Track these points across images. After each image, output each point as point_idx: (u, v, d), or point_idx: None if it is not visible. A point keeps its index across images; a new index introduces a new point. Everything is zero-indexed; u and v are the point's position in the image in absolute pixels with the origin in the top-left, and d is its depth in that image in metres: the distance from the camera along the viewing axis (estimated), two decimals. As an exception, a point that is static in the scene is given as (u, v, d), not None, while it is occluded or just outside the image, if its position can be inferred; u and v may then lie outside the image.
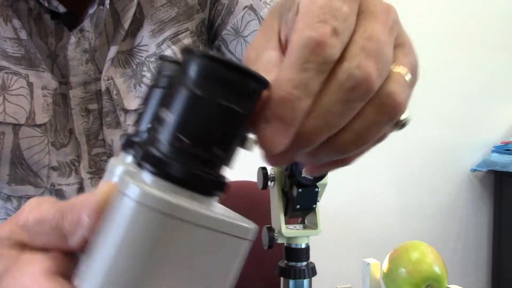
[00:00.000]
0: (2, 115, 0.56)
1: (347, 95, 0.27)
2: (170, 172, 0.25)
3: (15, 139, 0.57)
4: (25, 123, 0.57)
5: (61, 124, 0.60)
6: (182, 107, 0.25)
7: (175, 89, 0.26)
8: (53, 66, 0.59)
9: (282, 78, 0.26)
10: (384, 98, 0.28)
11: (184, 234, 0.25)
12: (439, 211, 2.25)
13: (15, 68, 0.56)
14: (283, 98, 0.26)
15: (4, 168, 0.58)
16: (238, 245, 0.27)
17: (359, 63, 0.27)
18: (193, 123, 0.25)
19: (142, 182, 0.25)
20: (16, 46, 0.56)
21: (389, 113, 0.28)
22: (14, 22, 0.56)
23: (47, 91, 0.58)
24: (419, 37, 2.27)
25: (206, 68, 0.26)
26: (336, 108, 0.27)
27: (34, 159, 0.58)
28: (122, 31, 0.61)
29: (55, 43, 0.58)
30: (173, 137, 0.25)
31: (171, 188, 0.25)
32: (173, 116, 0.26)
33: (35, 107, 0.57)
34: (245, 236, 0.26)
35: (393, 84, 0.28)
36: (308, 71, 0.26)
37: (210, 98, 0.25)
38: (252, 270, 1.07)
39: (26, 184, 0.59)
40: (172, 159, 0.25)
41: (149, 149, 0.26)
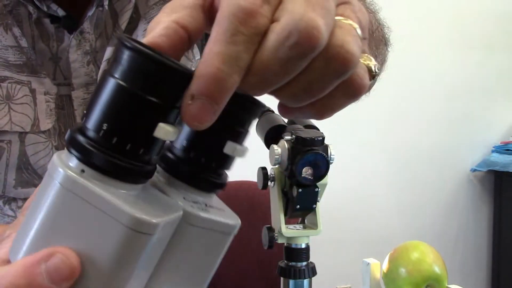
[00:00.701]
0: (8, 124, 0.56)
1: (289, 53, 0.24)
2: (91, 159, 0.26)
3: (21, 146, 0.58)
4: (30, 130, 0.58)
5: (67, 125, 0.61)
6: (102, 94, 0.26)
7: (103, 76, 0.27)
8: (55, 68, 0.59)
9: (210, 51, 0.24)
10: (334, 49, 0.25)
11: (78, 209, 0.26)
12: (439, 211, 2.25)
13: (18, 76, 0.57)
14: (211, 74, 0.24)
15: (11, 174, 0.59)
16: (123, 231, 0.26)
17: (303, 12, 0.24)
18: (111, 112, 0.26)
19: (65, 164, 0.26)
20: (18, 54, 0.57)
21: (341, 66, 0.26)
22: (14, 30, 0.56)
23: (49, 96, 0.58)
24: (419, 37, 2.26)
25: (125, 56, 0.26)
26: (275, 67, 0.25)
27: (40, 163, 0.59)
28: (119, 31, 0.61)
29: (56, 46, 0.58)
30: (96, 124, 0.26)
31: (93, 174, 0.26)
32: (97, 103, 0.26)
33: (39, 113, 0.58)
34: (130, 225, 0.26)
35: (344, 34, 0.26)
36: (238, 44, 0.24)
37: (127, 87, 0.25)
38: (252, 270, 1.07)
39: (32, 186, 0.60)
40: (93, 146, 0.26)
41: (75, 135, 0.26)
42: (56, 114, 0.59)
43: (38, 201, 0.27)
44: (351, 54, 0.26)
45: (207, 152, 0.30)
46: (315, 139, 0.52)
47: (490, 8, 2.27)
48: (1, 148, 0.57)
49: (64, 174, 0.26)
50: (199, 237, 0.31)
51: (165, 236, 0.29)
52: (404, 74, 2.13)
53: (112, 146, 0.26)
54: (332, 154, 0.53)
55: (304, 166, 0.52)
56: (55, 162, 0.27)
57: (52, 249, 0.26)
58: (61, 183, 0.26)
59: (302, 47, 0.24)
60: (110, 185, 0.27)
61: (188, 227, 0.30)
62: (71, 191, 0.26)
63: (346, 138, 2.02)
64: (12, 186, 0.59)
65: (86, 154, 0.26)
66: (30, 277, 0.26)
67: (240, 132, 0.30)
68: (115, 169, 0.26)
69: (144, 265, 0.28)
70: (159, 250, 0.30)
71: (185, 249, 0.31)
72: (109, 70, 0.26)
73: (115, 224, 0.26)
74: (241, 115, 0.30)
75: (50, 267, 0.26)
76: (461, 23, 2.23)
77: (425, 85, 2.19)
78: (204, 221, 0.30)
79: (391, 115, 2.15)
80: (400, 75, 2.12)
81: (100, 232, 0.26)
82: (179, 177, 0.31)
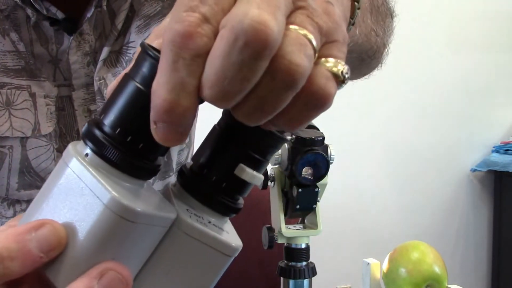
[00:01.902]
0: (10, 130, 0.56)
1: (241, 57, 0.23)
2: (108, 155, 0.28)
3: (23, 150, 0.58)
4: (31, 135, 0.58)
5: (68, 126, 0.61)
6: (124, 96, 0.28)
7: (124, 77, 0.29)
8: (55, 70, 0.59)
9: (157, 82, 0.25)
10: (277, 60, 0.24)
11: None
12: (439, 211, 2.25)
13: (17, 81, 0.57)
14: (160, 105, 0.25)
15: (14, 177, 0.59)
16: (126, 226, 0.28)
17: (247, 11, 0.23)
18: (129, 112, 0.28)
19: (79, 154, 0.28)
20: (16, 59, 0.57)
21: (286, 78, 0.24)
22: (11, 35, 0.56)
23: (50, 99, 0.58)
24: (419, 37, 2.27)
25: (143, 60, 0.28)
26: (231, 74, 0.24)
27: (41, 166, 0.59)
28: (115, 31, 0.61)
29: (56, 49, 0.58)
30: (115, 123, 0.28)
31: (109, 169, 0.28)
32: (115, 102, 0.28)
33: (39, 117, 0.58)
34: (127, 217, 0.27)
35: (289, 44, 0.25)
36: (180, 70, 0.24)
37: (143, 91, 0.27)
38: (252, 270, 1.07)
39: (34, 188, 0.60)
40: (112, 144, 0.28)
41: (93, 129, 0.28)
42: (57, 117, 0.59)
43: (48, 180, 0.30)
44: (295, 65, 0.24)
45: (219, 171, 0.31)
46: (315, 139, 0.52)
47: (490, 8, 2.27)
48: (3, 153, 0.57)
49: (70, 156, 0.29)
50: (192, 249, 0.31)
51: (154, 234, 0.30)
52: (404, 74, 2.13)
53: (123, 142, 0.28)
54: (332, 154, 0.53)
55: (304, 166, 0.52)
56: (68, 147, 0.29)
57: (42, 220, 0.28)
58: (66, 162, 0.29)
59: (253, 46, 0.23)
60: (111, 174, 0.28)
61: (182, 235, 0.30)
62: (72, 170, 0.28)
63: (346, 138, 2.02)
64: (15, 189, 0.59)
65: (93, 141, 0.28)
66: (20, 243, 0.27)
67: (257, 159, 0.31)
68: (119, 161, 0.28)
69: (129, 258, 0.29)
70: (147, 248, 0.30)
71: (176, 257, 0.31)
72: (130, 73, 0.28)
73: (98, 203, 0.27)
74: (262, 145, 0.31)
75: (39, 236, 0.27)
76: (460, 23, 2.23)
77: (425, 85, 2.19)
78: (197, 232, 0.30)
79: (391, 115, 2.15)
80: (400, 75, 2.12)
81: (85, 209, 0.28)
82: (189, 191, 0.32)
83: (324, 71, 0.27)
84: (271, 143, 0.31)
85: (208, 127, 0.33)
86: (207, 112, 0.51)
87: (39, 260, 0.27)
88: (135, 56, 0.29)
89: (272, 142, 0.31)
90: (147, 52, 0.27)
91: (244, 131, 0.30)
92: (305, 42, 0.25)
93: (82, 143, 0.29)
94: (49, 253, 0.27)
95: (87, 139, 0.29)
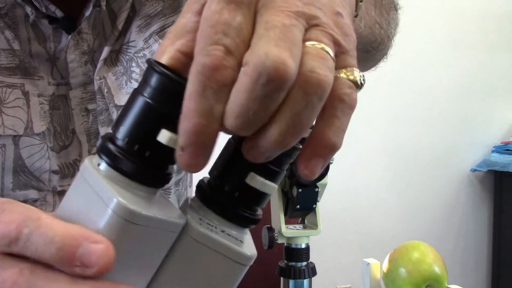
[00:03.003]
0: (1, 128, 0.56)
1: (264, 90, 0.26)
2: (119, 165, 0.29)
3: (16, 149, 0.58)
4: (23, 133, 0.57)
5: (63, 125, 0.61)
6: (131, 109, 0.29)
7: (133, 93, 0.30)
8: (52, 68, 0.59)
9: (188, 108, 0.27)
10: (305, 74, 0.27)
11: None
12: (439, 211, 2.25)
13: (9, 80, 0.56)
14: (192, 129, 0.27)
15: (8, 177, 0.59)
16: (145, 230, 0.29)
17: (267, 51, 0.26)
18: (138, 125, 0.29)
19: (93, 166, 0.30)
20: (10, 57, 0.57)
21: (316, 88, 0.27)
22: (6, 33, 0.56)
23: (43, 98, 0.58)
24: (419, 36, 2.27)
25: (150, 76, 0.29)
26: (255, 105, 0.27)
27: (36, 166, 0.59)
28: (116, 31, 0.61)
29: (54, 47, 0.58)
30: (123, 134, 0.29)
31: (121, 179, 0.29)
32: (125, 115, 0.30)
33: (32, 116, 0.58)
34: (130, 219, 0.28)
35: (312, 59, 0.28)
36: (209, 98, 0.27)
37: (153, 104, 0.29)
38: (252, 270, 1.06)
39: (30, 188, 0.60)
40: (120, 153, 0.29)
41: (106, 143, 0.30)
42: (50, 116, 0.59)
43: (68, 192, 0.32)
44: (324, 75, 0.27)
45: (231, 181, 0.31)
46: (315, 139, 0.52)
47: (490, 8, 2.27)
48: None
49: (84, 167, 0.30)
50: (203, 256, 0.31)
51: (161, 239, 0.30)
52: (404, 74, 2.13)
53: (131, 151, 0.29)
54: (332, 154, 0.53)
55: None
56: (85, 160, 0.31)
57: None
58: (81, 173, 0.31)
59: (274, 82, 0.26)
60: (124, 184, 0.29)
61: (192, 241, 0.31)
62: (84, 177, 0.30)
63: (346, 138, 2.02)
64: (10, 189, 0.59)
65: (105, 153, 0.30)
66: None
67: (270, 169, 0.32)
68: (130, 170, 0.29)
69: (138, 263, 0.30)
70: (156, 253, 0.31)
71: (188, 265, 0.31)
72: (138, 89, 0.30)
73: (106, 208, 0.28)
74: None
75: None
76: (461, 23, 2.23)
77: (425, 85, 2.19)
78: (206, 238, 0.31)
79: (391, 115, 2.15)
80: (400, 75, 2.12)
81: (97, 216, 0.29)
82: (205, 203, 0.32)
83: (346, 81, 0.30)
84: (288, 153, 0.32)
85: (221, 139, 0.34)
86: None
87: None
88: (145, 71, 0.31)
89: (290, 153, 0.32)
90: (153, 68, 0.29)
91: None
92: (325, 55, 0.28)
93: (97, 156, 0.31)
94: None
95: (100, 152, 0.30)
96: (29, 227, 0.29)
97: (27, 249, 0.29)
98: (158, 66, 0.29)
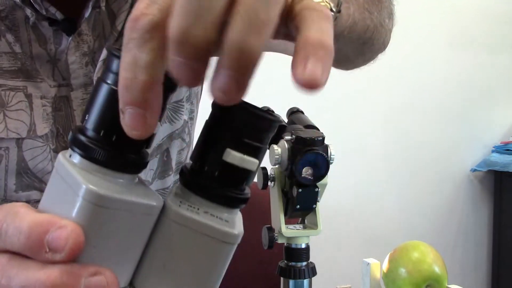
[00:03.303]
0: (4, 131, 0.57)
1: None
2: (89, 154, 0.29)
3: (19, 151, 0.58)
4: (27, 136, 0.58)
5: (65, 127, 0.61)
6: (95, 97, 0.30)
7: (97, 82, 0.30)
8: (53, 70, 0.59)
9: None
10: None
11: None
12: (439, 211, 2.25)
13: (12, 83, 0.57)
14: (122, 86, 0.27)
15: (11, 179, 0.59)
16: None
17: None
18: (102, 111, 0.29)
19: (66, 159, 0.30)
20: (12, 60, 0.57)
21: None
22: (7, 36, 0.56)
23: (46, 100, 0.58)
24: (419, 36, 2.26)
25: (111, 62, 0.30)
26: (191, 6, 0.25)
27: (38, 167, 0.59)
28: (115, 32, 0.61)
29: (54, 49, 0.58)
30: (90, 123, 0.30)
31: (94, 168, 0.30)
32: (90, 104, 0.30)
33: (35, 118, 0.58)
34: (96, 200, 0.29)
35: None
36: (132, 49, 0.26)
37: (114, 89, 0.29)
38: (252, 270, 1.07)
39: (32, 189, 0.60)
40: (89, 142, 0.30)
41: (76, 134, 0.30)
42: (53, 117, 0.59)
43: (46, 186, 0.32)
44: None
45: (209, 161, 0.31)
46: (315, 139, 0.52)
47: (490, 8, 2.27)
48: None
49: (57, 160, 0.31)
50: (185, 237, 0.30)
51: (137, 222, 0.30)
52: (404, 74, 2.13)
53: (101, 138, 0.29)
54: (332, 154, 0.53)
55: (304, 166, 0.52)
56: (58, 155, 0.31)
57: (99, 269, 0.29)
58: (55, 167, 0.31)
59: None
60: (97, 172, 0.29)
61: (171, 223, 0.31)
62: (57, 171, 0.31)
63: (346, 138, 2.02)
64: (13, 191, 0.59)
65: (75, 143, 0.30)
66: (74, 279, 0.28)
67: (249, 144, 0.30)
68: (100, 157, 0.29)
69: (111, 247, 0.29)
70: (134, 237, 0.30)
71: (170, 248, 0.31)
72: (102, 77, 0.30)
73: (76, 196, 0.29)
74: (253, 129, 0.31)
75: (92, 282, 0.29)
76: (461, 23, 2.23)
77: (425, 84, 2.19)
78: (186, 219, 0.30)
79: (391, 115, 2.15)
80: (400, 75, 2.12)
81: (69, 205, 0.29)
82: (188, 187, 0.32)
83: (315, 2, 0.30)
84: (263, 126, 0.31)
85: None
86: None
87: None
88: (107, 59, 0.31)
89: (264, 125, 0.31)
90: (114, 54, 0.29)
91: (230, 117, 0.30)
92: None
93: (70, 150, 0.31)
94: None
95: (71, 144, 0.31)
96: (7, 222, 0.30)
97: (6, 242, 0.30)
98: (118, 51, 0.29)
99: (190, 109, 0.71)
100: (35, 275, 0.28)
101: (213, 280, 0.32)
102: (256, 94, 0.50)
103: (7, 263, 0.30)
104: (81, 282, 0.28)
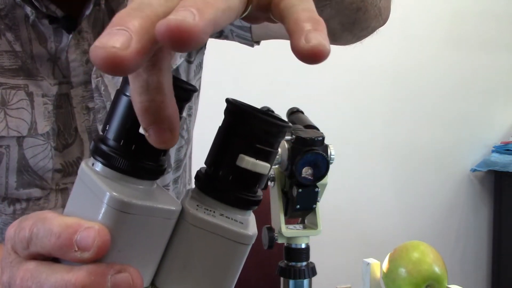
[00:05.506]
0: (5, 130, 0.57)
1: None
2: (111, 163, 0.31)
3: (20, 149, 0.58)
4: (27, 134, 0.58)
5: (66, 124, 0.61)
6: (115, 108, 0.31)
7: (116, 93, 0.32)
8: (54, 68, 0.59)
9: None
10: None
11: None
12: (439, 211, 2.25)
13: (13, 81, 0.57)
14: (141, 110, 0.28)
15: (12, 176, 0.59)
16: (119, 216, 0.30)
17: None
18: (121, 122, 0.31)
19: (89, 168, 0.32)
20: (13, 59, 0.57)
21: None
22: (8, 35, 0.56)
23: (47, 98, 0.59)
24: (419, 36, 2.26)
25: None
26: None
27: (39, 165, 0.59)
28: None
29: (55, 47, 0.59)
30: (111, 133, 0.31)
31: (116, 176, 0.31)
32: (111, 115, 0.31)
33: (36, 116, 0.58)
34: (123, 208, 0.30)
35: None
36: (140, 74, 0.27)
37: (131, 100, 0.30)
38: (252, 270, 1.07)
39: (33, 187, 0.60)
40: (110, 151, 0.31)
41: (97, 143, 0.32)
42: (54, 115, 0.60)
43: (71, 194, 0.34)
44: None
45: (223, 165, 0.32)
46: (315, 139, 0.52)
47: (490, 8, 2.27)
48: (0, 153, 0.57)
49: (80, 169, 0.33)
50: (203, 239, 0.32)
51: (157, 226, 0.31)
52: (404, 74, 2.13)
53: (121, 147, 0.31)
54: (332, 154, 0.53)
55: (304, 166, 0.52)
56: (81, 163, 0.33)
57: (123, 266, 0.30)
58: (79, 175, 0.33)
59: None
60: (119, 179, 0.31)
61: (189, 226, 0.32)
62: (81, 179, 0.32)
63: (346, 138, 2.02)
64: (14, 188, 0.60)
65: (97, 152, 0.31)
66: (101, 278, 0.29)
67: (260, 149, 0.32)
68: (121, 166, 0.31)
69: (139, 252, 0.31)
70: (155, 240, 0.32)
71: (189, 250, 0.32)
72: (121, 89, 0.31)
73: (100, 203, 0.30)
74: (263, 134, 0.32)
75: (117, 280, 0.30)
76: (461, 23, 2.23)
77: (425, 85, 2.19)
78: (203, 222, 0.32)
79: (391, 115, 2.15)
80: (400, 75, 2.12)
81: (94, 211, 0.30)
82: (203, 191, 0.33)
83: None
84: (274, 132, 0.32)
85: (215, 127, 0.34)
86: (212, 113, 0.51)
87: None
88: None
89: (275, 131, 0.33)
90: None
91: (243, 123, 0.32)
92: None
93: (92, 158, 0.33)
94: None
95: (93, 153, 0.32)
96: (37, 226, 0.31)
97: (37, 246, 0.31)
98: None
99: (188, 105, 0.71)
100: (64, 277, 0.30)
101: (229, 278, 0.34)
102: (256, 94, 0.50)
103: (35, 269, 0.31)
104: (107, 280, 0.29)
